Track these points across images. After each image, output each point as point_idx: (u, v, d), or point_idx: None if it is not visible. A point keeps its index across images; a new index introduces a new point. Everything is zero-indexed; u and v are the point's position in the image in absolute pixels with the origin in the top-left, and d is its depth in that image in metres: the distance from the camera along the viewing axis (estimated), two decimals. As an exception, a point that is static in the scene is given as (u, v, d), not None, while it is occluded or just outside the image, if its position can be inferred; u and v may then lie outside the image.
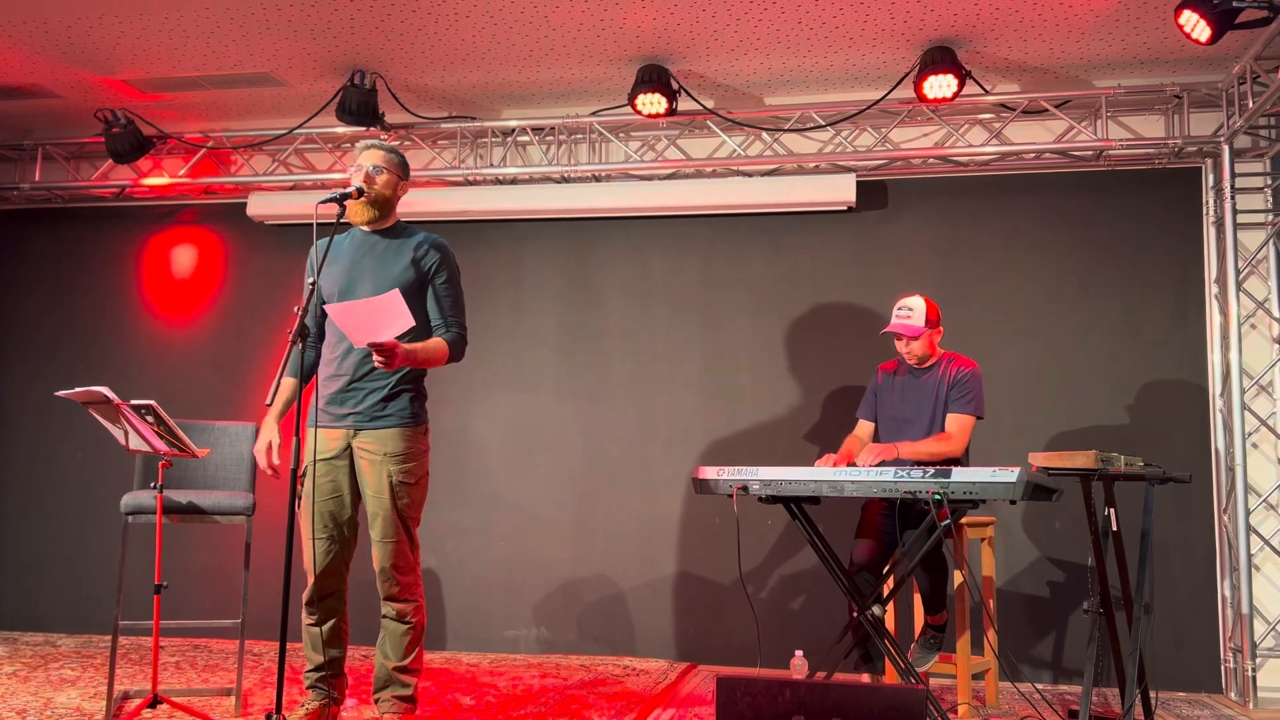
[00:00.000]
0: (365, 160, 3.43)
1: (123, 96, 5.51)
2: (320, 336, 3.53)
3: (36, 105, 5.67)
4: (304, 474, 3.38)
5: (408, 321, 3.11)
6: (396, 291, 3.11)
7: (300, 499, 3.36)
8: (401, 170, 3.50)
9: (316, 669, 3.42)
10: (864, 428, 4.39)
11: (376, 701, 3.41)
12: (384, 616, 3.39)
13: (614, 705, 4.03)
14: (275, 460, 3.35)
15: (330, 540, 3.38)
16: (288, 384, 3.44)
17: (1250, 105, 4.57)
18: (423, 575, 3.47)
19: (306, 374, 3.47)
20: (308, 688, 3.44)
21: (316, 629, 3.40)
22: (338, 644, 3.44)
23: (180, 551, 5.53)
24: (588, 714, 3.86)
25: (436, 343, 3.40)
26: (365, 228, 3.49)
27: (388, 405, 3.37)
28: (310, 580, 3.37)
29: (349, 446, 3.38)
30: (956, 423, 4.10)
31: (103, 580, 5.76)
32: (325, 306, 3.25)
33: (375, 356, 3.14)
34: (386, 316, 3.09)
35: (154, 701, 3.37)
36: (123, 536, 3.80)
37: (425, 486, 3.45)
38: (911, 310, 4.19)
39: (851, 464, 4.03)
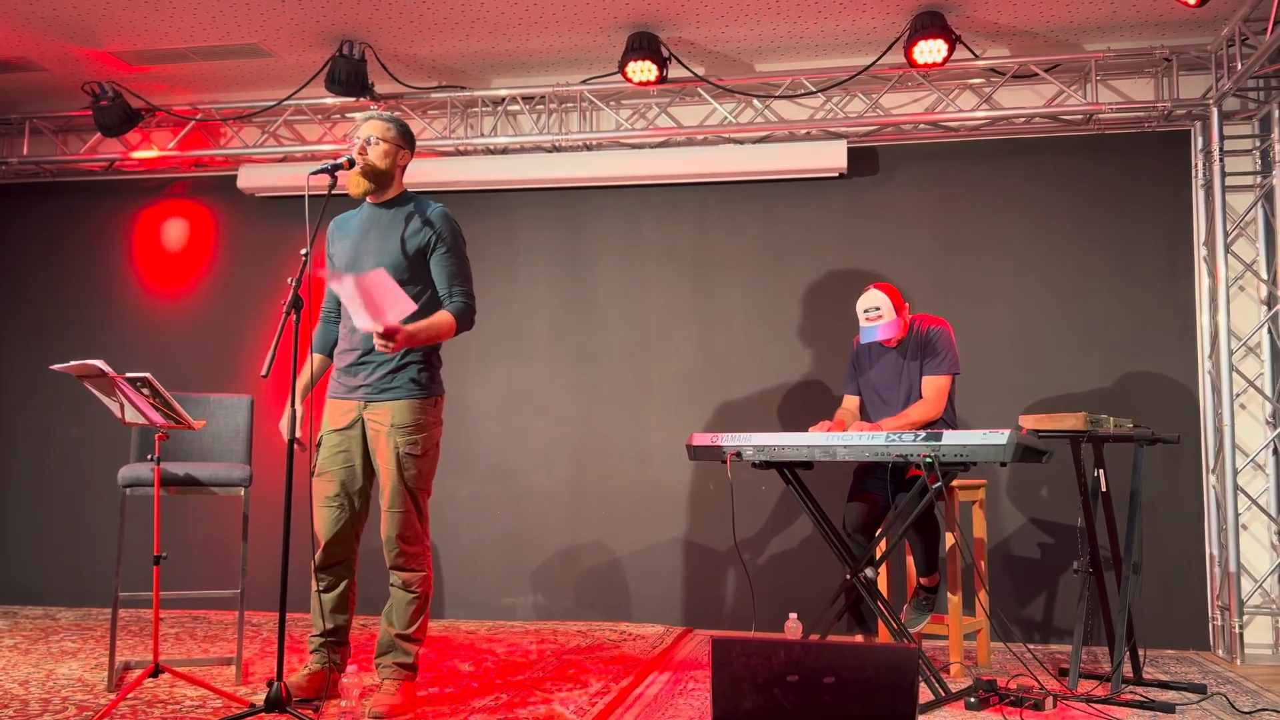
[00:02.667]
0: (364, 131, 3.44)
1: (110, 69, 5.48)
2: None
3: (23, 79, 5.64)
4: (318, 444, 3.43)
5: (407, 304, 3.10)
6: (382, 270, 3.11)
7: (313, 469, 3.41)
8: (402, 140, 3.49)
9: (321, 634, 3.46)
10: (850, 401, 4.41)
11: (377, 667, 3.45)
12: (391, 585, 3.43)
13: (611, 669, 4.08)
14: (299, 433, 3.39)
15: (339, 509, 3.41)
16: (314, 360, 3.57)
17: (1239, 68, 4.58)
18: (429, 547, 3.50)
19: (331, 349, 3.57)
20: (310, 652, 3.48)
21: (323, 596, 3.44)
22: (343, 611, 3.49)
23: (178, 523, 5.56)
24: (585, 678, 3.92)
25: (442, 318, 3.39)
26: (370, 200, 3.50)
27: (395, 377, 3.38)
28: (319, 548, 3.42)
29: (361, 418, 3.41)
30: (932, 386, 4.14)
31: (101, 553, 5.79)
32: (329, 284, 3.30)
33: (377, 341, 3.17)
34: (382, 296, 3.09)
35: (155, 671, 3.39)
36: (121, 509, 3.83)
37: (434, 458, 3.46)
38: (879, 309, 4.13)
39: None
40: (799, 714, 2.39)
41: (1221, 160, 4.83)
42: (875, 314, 4.14)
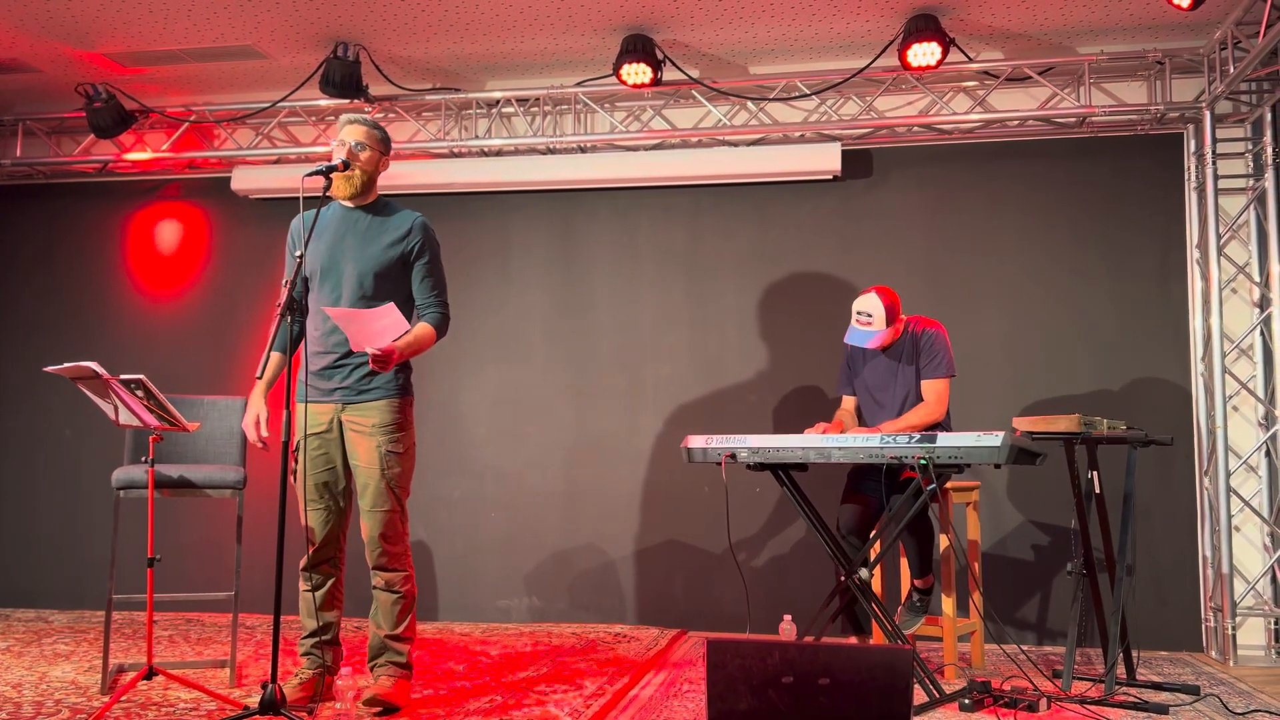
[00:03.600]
0: (348, 135, 3.43)
1: (103, 70, 5.47)
2: (305, 311, 3.55)
3: (16, 80, 5.63)
4: (296, 448, 3.42)
5: (404, 327, 3.22)
6: (392, 305, 3.20)
7: (295, 472, 3.41)
8: (383, 146, 3.51)
9: (311, 634, 3.46)
10: (849, 402, 4.41)
11: (372, 669, 3.45)
12: (374, 587, 3.44)
13: (606, 670, 4.08)
14: (264, 433, 3.40)
15: (326, 510, 3.43)
16: (274, 359, 3.47)
17: (1231, 70, 4.60)
18: (414, 547, 3.50)
19: (292, 347, 3.52)
20: (302, 655, 3.47)
21: (311, 594, 3.45)
22: (332, 608, 3.49)
23: (171, 525, 5.54)
24: (580, 679, 3.92)
25: (424, 331, 3.45)
26: (347, 203, 3.50)
27: (374, 379, 3.40)
28: (310, 549, 3.42)
29: (338, 420, 3.41)
30: (932, 390, 4.13)
31: (94, 555, 5.77)
32: (325, 309, 3.28)
33: (372, 363, 3.20)
34: (385, 327, 3.19)
35: (149, 674, 3.39)
36: (114, 511, 3.82)
37: (414, 457, 3.49)
38: (871, 316, 4.06)
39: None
40: (794, 715, 2.39)
41: (1214, 163, 4.84)
42: (866, 319, 4.08)
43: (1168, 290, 5.04)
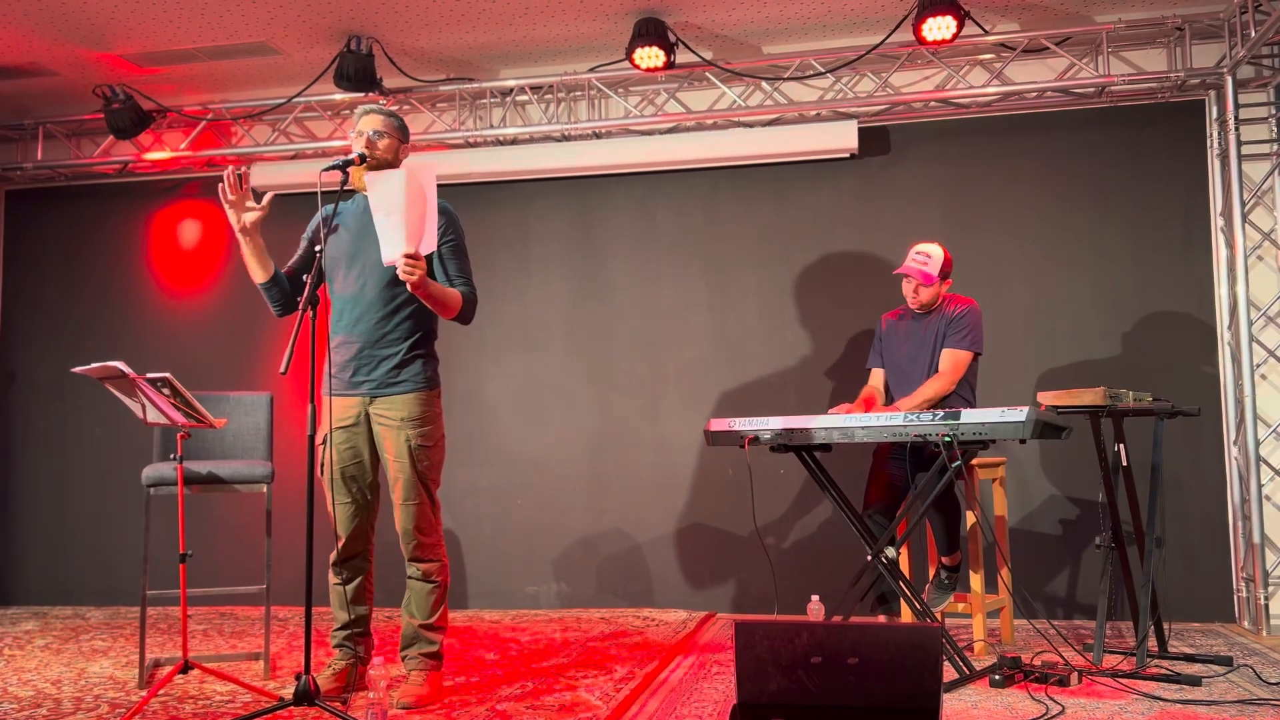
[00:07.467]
0: (365, 126, 3.44)
1: (120, 72, 5.51)
2: (315, 302, 3.54)
3: (35, 84, 5.67)
4: (323, 442, 3.44)
5: (433, 236, 3.15)
6: (434, 164, 3.09)
7: (322, 467, 3.42)
8: (402, 134, 3.51)
9: (343, 627, 3.49)
10: (877, 376, 4.42)
11: (403, 659, 3.48)
12: (409, 577, 3.46)
13: (635, 655, 4.10)
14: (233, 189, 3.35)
15: (354, 504, 3.44)
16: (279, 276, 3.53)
17: (1252, 35, 4.53)
18: (443, 536, 3.52)
19: (283, 287, 3.55)
20: (334, 647, 3.51)
21: (343, 588, 3.48)
22: (363, 602, 3.52)
23: (202, 521, 5.60)
24: (610, 664, 3.94)
25: (452, 292, 3.39)
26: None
27: (401, 371, 3.40)
28: (339, 544, 3.45)
29: (365, 413, 3.42)
30: (949, 359, 4.14)
31: (127, 552, 5.84)
32: (365, 176, 3.20)
33: (403, 266, 3.11)
34: (425, 203, 3.07)
35: (185, 668, 3.43)
36: (145, 508, 3.86)
37: (443, 448, 3.49)
38: (929, 258, 4.22)
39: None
40: (823, 695, 2.40)
41: (1237, 129, 4.78)
42: (922, 259, 4.23)
43: (1191, 259, 4.99)
